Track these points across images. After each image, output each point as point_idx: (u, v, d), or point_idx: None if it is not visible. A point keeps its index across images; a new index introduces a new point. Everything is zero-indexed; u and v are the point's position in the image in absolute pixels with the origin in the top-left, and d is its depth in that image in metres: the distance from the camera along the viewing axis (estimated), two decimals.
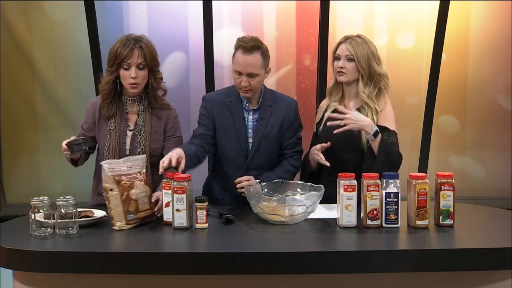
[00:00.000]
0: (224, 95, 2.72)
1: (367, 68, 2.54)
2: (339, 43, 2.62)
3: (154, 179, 2.52)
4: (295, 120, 2.72)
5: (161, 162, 2.26)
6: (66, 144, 2.41)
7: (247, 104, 2.67)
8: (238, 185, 2.53)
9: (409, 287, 1.99)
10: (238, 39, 2.59)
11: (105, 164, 2.23)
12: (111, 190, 2.19)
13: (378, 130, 2.46)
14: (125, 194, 2.18)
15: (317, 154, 2.51)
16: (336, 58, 2.61)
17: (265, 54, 2.59)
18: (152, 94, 2.58)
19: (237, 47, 2.57)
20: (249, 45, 2.53)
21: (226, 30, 4.08)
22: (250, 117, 2.67)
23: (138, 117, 2.58)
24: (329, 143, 2.52)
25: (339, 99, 2.66)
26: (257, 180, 2.53)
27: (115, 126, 2.57)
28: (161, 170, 2.25)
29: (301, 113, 2.78)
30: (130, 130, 2.58)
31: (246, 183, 2.50)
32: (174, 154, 2.29)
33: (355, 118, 2.45)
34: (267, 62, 2.62)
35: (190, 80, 4.13)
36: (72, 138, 2.45)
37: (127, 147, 2.57)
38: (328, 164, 2.47)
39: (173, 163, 2.26)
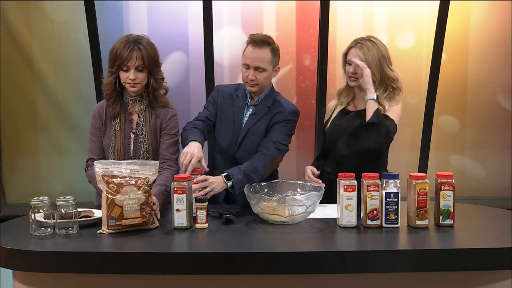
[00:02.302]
0: (233, 89, 2.78)
1: (378, 73, 2.53)
2: (350, 48, 2.60)
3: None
4: (283, 119, 2.66)
5: (184, 163, 2.36)
6: None
7: (249, 100, 2.71)
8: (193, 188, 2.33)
9: (409, 287, 1.99)
10: (250, 35, 2.64)
11: (97, 164, 2.22)
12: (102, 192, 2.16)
13: (376, 96, 2.48)
14: (110, 198, 2.12)
15: (311, 180, 2.56)
16: (348, 63, 2.61)
17: (275, 51, 2.62)
18: (152, 94, 2.57)
19: (248, 42, 2.62)
20: (259, 39, 2.58)
21: (226, 30, 4.08)
22: (248, 112, 2.71)
23: (139, 117, 2.59)
24: (318, 172, 2.60)
25: (348, 101, 2.67)
26: (223, 174, 2.47)
27: (120, 126, 2.57)
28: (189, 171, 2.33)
29: (301, 113, 2.78)
30: (133, 132, 2.58)
31: (199, 185, 2.36)
32: (195, 158, 2.38)
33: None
34: (276, 60, 2.65)
35: (190, 80, 4.13)
36: None
37: (131, 147, 2.58)
38: (322, 184, 2.47)
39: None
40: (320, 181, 2.53)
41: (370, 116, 2.45)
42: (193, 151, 2.40)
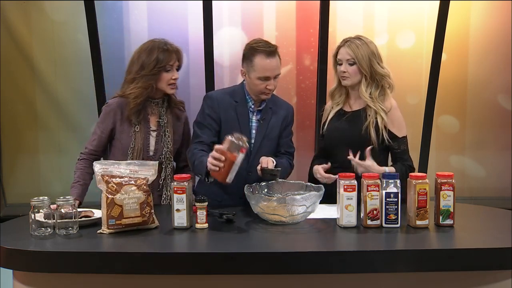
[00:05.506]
0: (229, 95, 2.69)
1: (368, 69, 2.56)
2: (339, 47, 2.62)
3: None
4: (291, 123, 2.79)
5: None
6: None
7: (252, 106, 2.67)
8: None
9: (409, 287, 1.99)
10: (253, 45, 2.57)
11: (97, 164, 2.22)
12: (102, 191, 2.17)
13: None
14: (110, 197, 2.12)
15: (324, 178, 2.54)
16: (338, 63, 2.62)
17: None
18: (173, 95, 2.70)
19: (257, 52, 2.54)
20: (272, 50, 2.55)
21: (226, 30, 4.07)
22: (254, 118, 2.68)
23: (160, 118, 2.66)
24: (329, 164, 2.57)
25: (343, 101, 2.67)
26: (273, 160, 2.53)
27: (140, 128, 2.62)
28: None
29: (301, 113, 2.81)
30: (154, 131, 2.64)
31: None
32: None
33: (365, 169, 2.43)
34: None
35: (190, 80, 4.13)
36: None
37: (151, 148, 2.64)
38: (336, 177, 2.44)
39: None
40: (332, 176, 2.50)
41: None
42: None
